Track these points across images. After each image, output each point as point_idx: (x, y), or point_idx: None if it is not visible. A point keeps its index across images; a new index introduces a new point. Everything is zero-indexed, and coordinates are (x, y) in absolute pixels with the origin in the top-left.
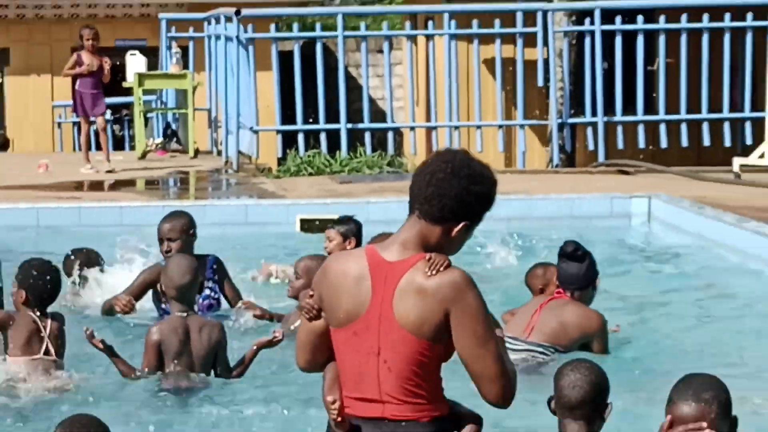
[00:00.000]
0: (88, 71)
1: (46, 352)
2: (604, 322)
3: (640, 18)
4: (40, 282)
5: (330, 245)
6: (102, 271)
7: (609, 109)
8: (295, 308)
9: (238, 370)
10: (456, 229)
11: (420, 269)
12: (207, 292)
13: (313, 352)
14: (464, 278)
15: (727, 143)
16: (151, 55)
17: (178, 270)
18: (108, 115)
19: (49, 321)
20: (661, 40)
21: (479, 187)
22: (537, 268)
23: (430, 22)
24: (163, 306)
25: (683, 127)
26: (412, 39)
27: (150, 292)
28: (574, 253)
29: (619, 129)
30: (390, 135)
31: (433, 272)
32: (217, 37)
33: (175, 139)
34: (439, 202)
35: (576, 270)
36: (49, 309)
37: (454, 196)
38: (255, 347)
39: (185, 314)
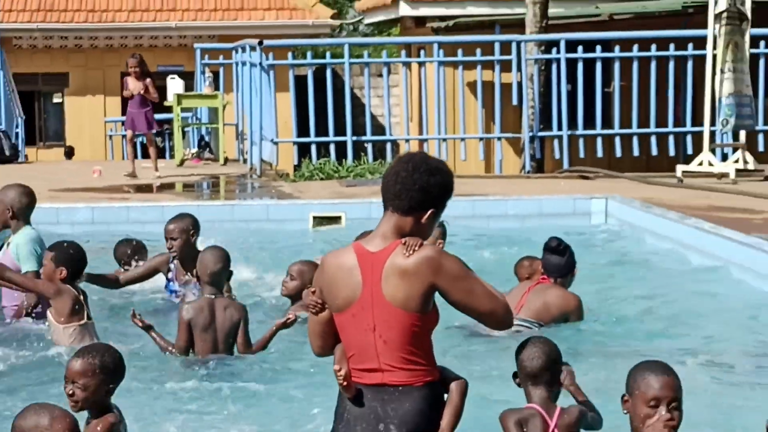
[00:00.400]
0: (131, 95)
1: (89, 317)
2: (580, 302)
3: (598, 48)
4: (77, 260)
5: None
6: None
7: (572, 124)
8: (295, 305)
9: (257, 346)
10: (425, 217)
11: (399, 253)
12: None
13: (324, 339)
14: (436, 251)
15: (672, 153)
16: (188, 78)
17: (212, 258)
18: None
19: (81, 292)
20: (616, 66)
21: (437, 178)
22: (524, 260)
23: (422, 51)
24: (175, 288)
25: (635, 139)
26: (407, 65)
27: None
28: (557, 247)
29: (581, 141)
30: (388, 146)
31: (410, 252)
32: (243, 64)
33: (208, 150)
34: (407, 195)
35: (558, 261)
36: None
37: (418, 189)
38: (274, 328)
39: (213, 296)
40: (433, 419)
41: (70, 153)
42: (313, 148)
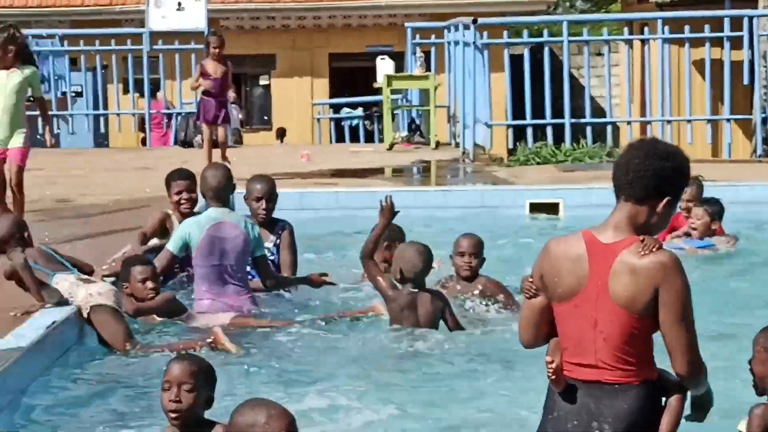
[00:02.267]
0: (213, 80)
1: None
2: None
3: None
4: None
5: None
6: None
7: None
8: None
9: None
10: (660, 205)
11: (633, 251)
12: (266, 252)
13: (536, 328)
14: (673, 260)
15: None
16: (398, 59)
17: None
18: (359, 111)
19: None
20: None
21: (671, 162)
22: None
23: (645, 28)
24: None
25: None
26: (629, 43)
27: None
28: None
29: None
30: (608, 129)
31: (646, 252)
32: (456, 43)
33: (418, 133)
34: (640, 183)
35: None
36: None
37: (651, 175)
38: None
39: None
40: (648, 420)
41: (281, 135)
42: (529, 131)
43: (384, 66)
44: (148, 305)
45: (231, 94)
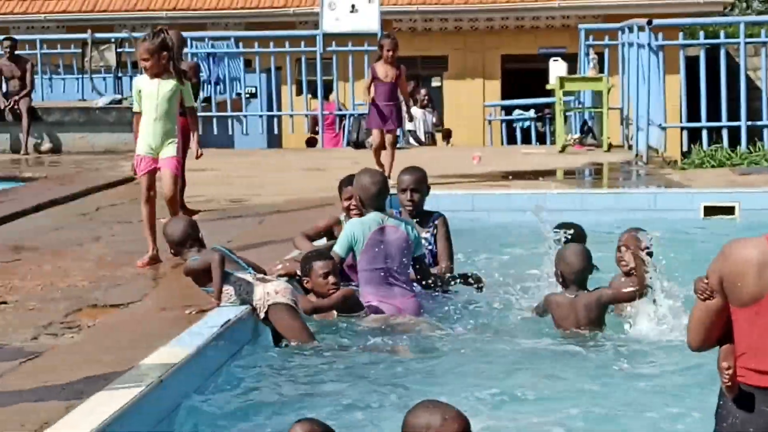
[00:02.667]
0: (386, 83)
1: None
2: None
3: None
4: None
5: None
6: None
7: None
8: None
9: None
10: None
11: None
12: (424, 242)
13: (709, 331)
14: None
15: None
16: (571, 60)
17: (576, 257)
18: (531, 113)
19: None
20: None
21: None
22: None
23: None
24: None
25: None
26: None
27: None
28: None
29: None
30: None
31: None
32: (630, 45)
33: (590, 135)
34: None
35: None
36: None
37: None
38: None
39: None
40: None
41: (447, 136)
42: (704, 133)
43: (557, 68)
44: (327, 302)
45: (407, 103)
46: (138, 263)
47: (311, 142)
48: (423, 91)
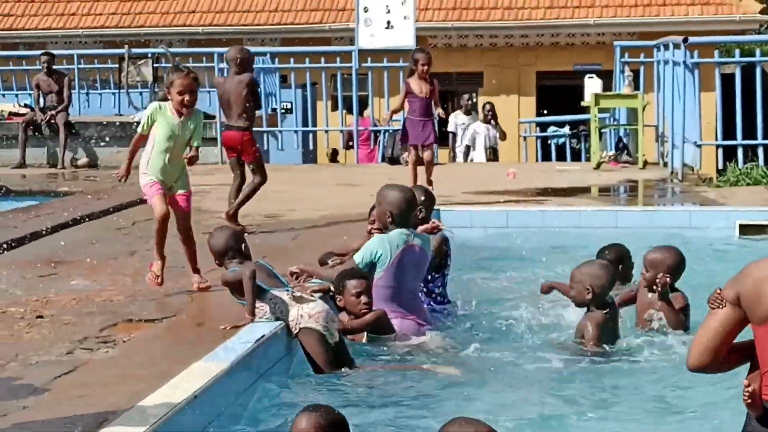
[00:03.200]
0: (422, 99)
1: None
2: None
3: None
4: None
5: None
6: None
7: None
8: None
9: None
10: None
11: None
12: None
13: (711, 348)
14: None
15: None
16: (606, 77)
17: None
18: (566, 129)
19: None
20: None
21: None
22: None
23: None
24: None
25: None
26: None
27: None
28: None
29: None
30: None
31: None
32: (666, 62)
33: (625, 152)
34: None
35: None
36: None
37: None
38: None
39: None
40: None
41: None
42: (740, 151)
43: (592, 85)
44: (358, 323)
45: (439, 112)
46: (151, 280)
47: (334, 157)
48: (466, 96)
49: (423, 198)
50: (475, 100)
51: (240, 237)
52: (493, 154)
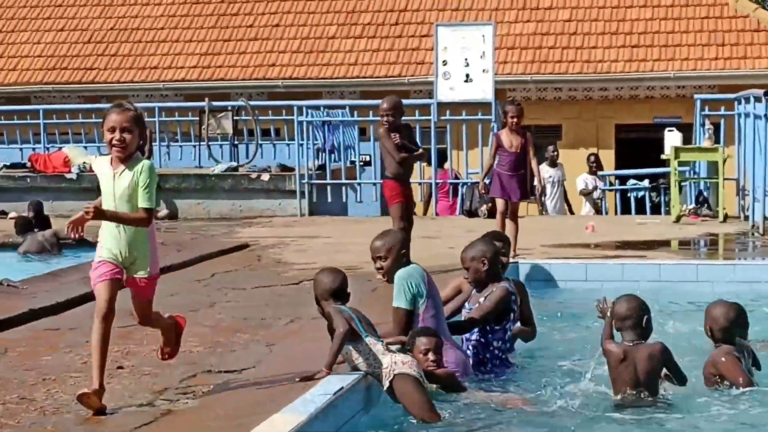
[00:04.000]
0: (512, 151)
1: None
2: None
3: None
4: None
5: None
6: None
7: None
8: None
9: None
10: None
11: None
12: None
13: None
14: None
15: None
16: (686, 130)
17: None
18: (646, 182)
19: None
20: None
21: None
22: None
23: None
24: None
25: None
26: None
27: None
28: None
29: None
30: None
31: None
32: (747, 115)
33: (706, 205)
34: None
35: None
36: None
37: None
38: None
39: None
40: None
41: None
42: None
43: (672, 137)
44: (432, 376)
45: (534, 167)
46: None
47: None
48: (551, 148)
49: (500, 244)
50: (554, 153)
51: (345, 282)
52: (596, 205)
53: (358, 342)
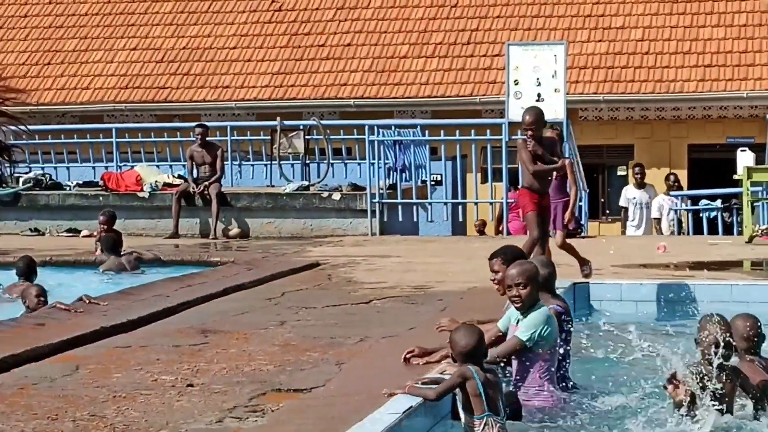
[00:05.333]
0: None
1: None
2: None
3: None
4: None
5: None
6: None
7: None
8: None
9: None
10: None
11: None
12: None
13: None
14: None
15: None
16: (759, 150)
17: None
18: (718, 203)
19: None
20: None
21: None
22: None
23: None
24: None
25: None
26: None
27: None
28: None
29: None
30: None
31: None
32: None
33: None
34: None
35: None
36: None
37: None
38: None
39: None
40: None
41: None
42: None
43: (744, 158)
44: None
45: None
46: None
47: (483, 229)
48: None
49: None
50: (625, 173)
51: (481, 341)
52: (678, 226)
53: (481, 417)
